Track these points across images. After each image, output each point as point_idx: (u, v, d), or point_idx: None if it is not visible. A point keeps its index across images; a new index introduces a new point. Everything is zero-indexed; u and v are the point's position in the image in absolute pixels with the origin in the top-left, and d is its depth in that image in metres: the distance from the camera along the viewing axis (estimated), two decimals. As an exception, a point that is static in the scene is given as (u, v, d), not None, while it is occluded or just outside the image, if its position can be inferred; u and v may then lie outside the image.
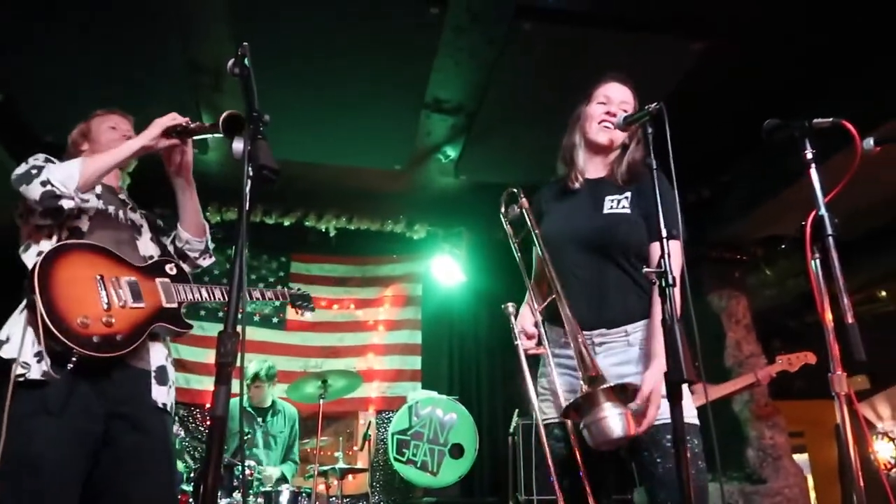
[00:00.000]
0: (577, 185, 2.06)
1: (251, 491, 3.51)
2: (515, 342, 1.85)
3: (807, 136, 1.74)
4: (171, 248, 2.34)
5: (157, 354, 2.12)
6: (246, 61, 1.72)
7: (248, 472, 3.58)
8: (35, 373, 1.85)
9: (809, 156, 1.73)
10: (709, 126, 4.23)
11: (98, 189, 2.18)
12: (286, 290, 2.61)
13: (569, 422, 1.80)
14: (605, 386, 1.64)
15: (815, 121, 1.73)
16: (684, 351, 1.59)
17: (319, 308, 5.73)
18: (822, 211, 1.66)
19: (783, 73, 3.98)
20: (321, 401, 3.95)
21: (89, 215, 2.11)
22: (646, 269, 1.77)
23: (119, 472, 1.94)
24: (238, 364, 1.28)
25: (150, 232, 2.30)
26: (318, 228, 5.48)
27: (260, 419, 4.30)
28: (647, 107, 1.89)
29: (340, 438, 4.36)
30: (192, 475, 3.55)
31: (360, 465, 4.89)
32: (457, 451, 4.66)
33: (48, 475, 1.79)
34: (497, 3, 3.45)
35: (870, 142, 1.90)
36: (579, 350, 1.72)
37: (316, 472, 3.88)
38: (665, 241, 1.73)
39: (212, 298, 2.26)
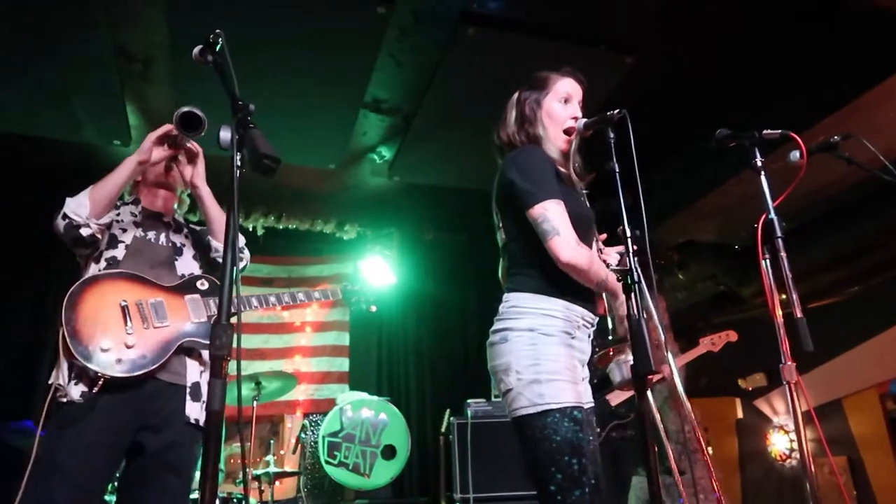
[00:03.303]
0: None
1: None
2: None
3: (756, 146, 1.88)
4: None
5: (193, 370, 2.17)
6: (219, 48, 1.68)
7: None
8: (73, 394, 2.00)
9: (759, 163, 1.86)
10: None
11: (139, 217, 2.33)
12: (337, 287, 2.68)
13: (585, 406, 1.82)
14: None
15: (765, 132, 1.87)
16: (651, 345, 1.70)
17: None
18: (772, 215, 1.79)
19: (696, 88, 4.25)
20: (255, 403, 3.85)
21: (126, 243, 2.24)
22: (612, 268, 1.86)
23: (140, 479, 2.05)
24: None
25: (193, 250, 2.36)
26: (245, 227, 5.33)
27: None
28: (609, 113, 1.99)
29: (271, 442, 4.25)
30: None
31: (288, 469, 4.78)
32: (389, 452, 4.64)
33: (69, 479, 1.90)
34: (442, 6, 3.49)
35: (796, 154, 2.07)
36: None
37: (250, 477, 3.77)
38: (629, 240, 1.83)
39: (246, 307, 2.35)
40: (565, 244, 1.83)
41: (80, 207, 2.10)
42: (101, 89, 3.90)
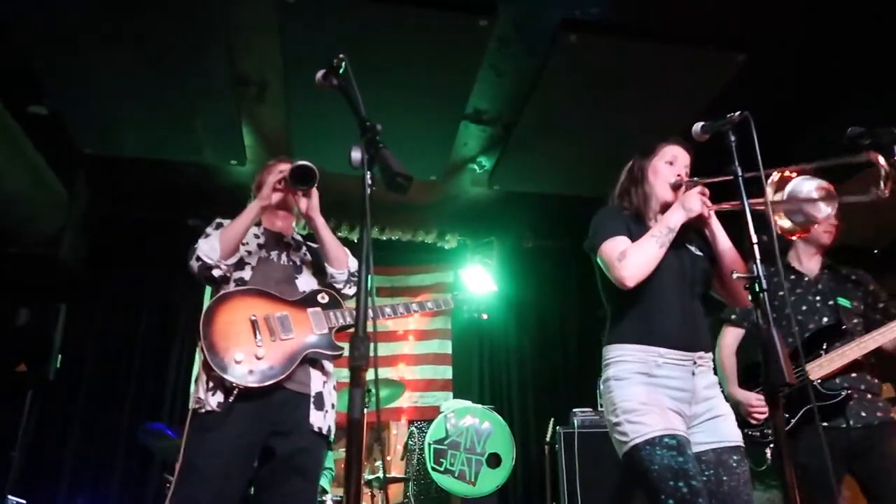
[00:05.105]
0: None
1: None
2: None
3: (894, 143, 1.78)
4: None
5: (316, 380, 2.29)
6: (342, 71, 1.75)
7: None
8: (210, 405, 2.15)
9: (898, 162, 1.75)
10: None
11: (262, 239, 2.48)
12: (448, 296, 2.83)
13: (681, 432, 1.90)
14: None
15: (905, 127, 1.76)
16: (784, 356, 1.63)
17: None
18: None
19: (800, 85, 4.02)
20: (365, 410, 3.96)
21: (252, 265, 2.40)
22: (737, 275, 1.82)
23: (271, 482, 2.18)
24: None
25: (311, 268, 2.50)
26: (350, 239, 5.50)
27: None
28: (729, 115, 1.95)
29: (381, 449, 4.36)
30: None
31: (394, 475, 4.89)
32: (493, 460, 4.65)
33: (209, 481, 2.07)
34: (543, 15, 3.48)
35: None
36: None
37: (362, 482, 3.89)
38: (755, 247, 1.78)
39: None
40: (617, 269, 1.99)
41: (212, 251, 2.27)
42: (219, 113, 4.15)
